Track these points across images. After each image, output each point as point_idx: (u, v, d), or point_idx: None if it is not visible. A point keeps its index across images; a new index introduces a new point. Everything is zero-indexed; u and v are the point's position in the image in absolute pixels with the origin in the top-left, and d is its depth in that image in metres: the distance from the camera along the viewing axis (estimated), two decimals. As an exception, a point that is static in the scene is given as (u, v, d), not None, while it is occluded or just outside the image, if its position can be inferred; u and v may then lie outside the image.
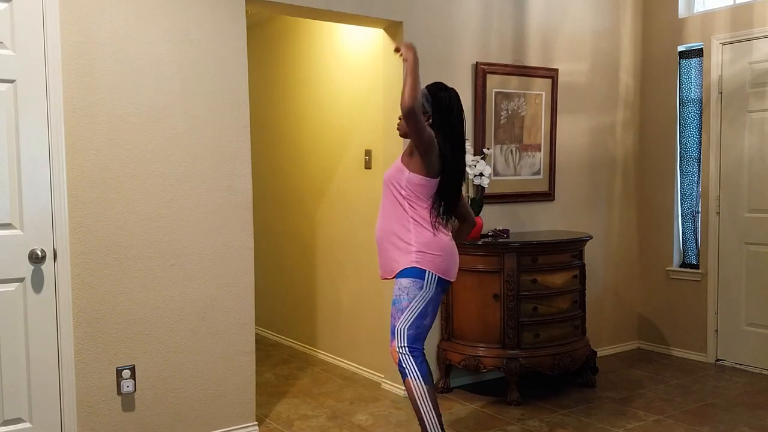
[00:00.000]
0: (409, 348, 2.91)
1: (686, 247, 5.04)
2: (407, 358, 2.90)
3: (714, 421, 3.73)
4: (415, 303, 2.92)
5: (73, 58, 2.97)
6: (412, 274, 2.92)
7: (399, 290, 2.94)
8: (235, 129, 3.42)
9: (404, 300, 2.92)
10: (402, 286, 2.93)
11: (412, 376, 2.88)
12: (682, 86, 4.98)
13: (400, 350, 2.91)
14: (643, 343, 5.27)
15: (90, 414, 3.08)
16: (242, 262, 3.46)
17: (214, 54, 3.33)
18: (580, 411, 3.89)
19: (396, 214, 2.98)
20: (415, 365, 2.90)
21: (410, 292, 2.92)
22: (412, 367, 2.89)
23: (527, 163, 4.59)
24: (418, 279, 2.92)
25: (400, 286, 2.94)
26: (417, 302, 2.93)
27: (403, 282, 2.93)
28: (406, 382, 2.91)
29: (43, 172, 2.93)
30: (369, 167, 4.43)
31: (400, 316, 2.93)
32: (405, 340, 2.91)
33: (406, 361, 2.90)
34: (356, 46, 4.54)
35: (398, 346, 2.91)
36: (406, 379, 2.90)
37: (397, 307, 2.94)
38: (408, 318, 2.92)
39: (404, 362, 2.90)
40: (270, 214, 5.57)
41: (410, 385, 2.88)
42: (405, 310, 2.92)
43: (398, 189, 2.96)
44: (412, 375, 2.88)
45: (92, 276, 3.05)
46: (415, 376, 2.88)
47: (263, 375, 4.56)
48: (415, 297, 2.92)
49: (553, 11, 4.64)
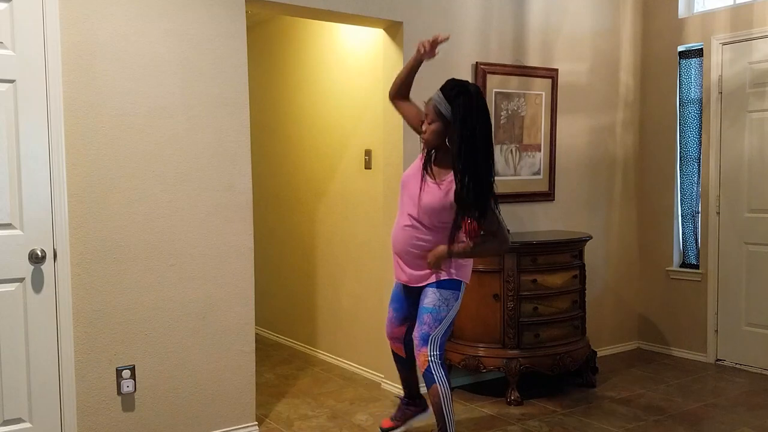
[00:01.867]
0: (440, 355, 3.01)
1: (686, 247, 5.04)
2: (438, 367, 2.99)
3: (714, 421, 3.73)
4: (451, 314, 3.05)
5: (73, 58, 2.97)
6: (453, 287, 3.03)
7: (440, 301, 3.00)
8: (235, 129, 3.42)
9: (443, 311, 3.01)
10: (444, 297, 3.01)
11: (442, 384, 2.97)
12: (682, 86, 4.98)
13: (432, 358, 2.99)
14: (643, 343, 5.27)
15: (90, 414, 3.08)
16: (242, 262, 3.46)
17: (214, 54, 3.33)
18: (580, 411, 3.89)
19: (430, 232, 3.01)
20: (444, 374, 3.00)
21: (449, 304, 3.02)
22: (442, 375, 2.99)
23: (527, 163, 4.59)
24: (456, 291, 3.04)
25: (441, 297, 3.01)
26: (452, 313, 3.06)
27: (445, 294, 3.02)
28: (433, 388, 2.99)
29: (43, 172, 2.93)
30: (369, 167, 4.43)
31: (438, 326, 3.00)
32: (438, 349, 3.01)
33: (437, 370, 2.98)
34: (356, 47, 4.54)
35: (431, 354, 2.99)
36: (433, 385, 2.98)
37: (434, 316, 3.00)
38: (443, 328, 3.03)
39: (434, 370, 2.98)
40: (270, 214, 5.57)
41: (438, 392, 2.97)
42: (443, 320, 3.01)
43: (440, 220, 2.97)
44: (441, 383, 2.97)
45: (92, 276, 3.05)
46: (445, 384, 2.98)
47: (263, 375, 4.56)
48: (452, 308, 3.04)
49: (553, 11, 4.64)
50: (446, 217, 2.95)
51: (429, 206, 2.97)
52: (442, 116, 2.89)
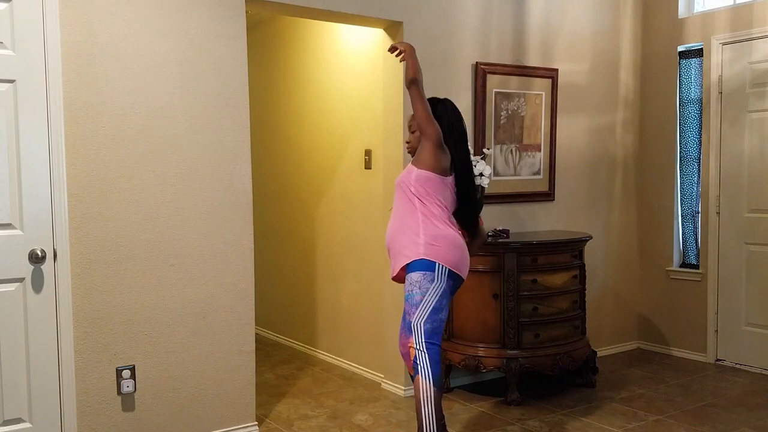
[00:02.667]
0: (427, 344, 2.84)
1: (686, 247, 5.04)
2: (423, 356, 2.82)
3: (714, 421, 3.73)
4: (429, 297, 2.86)
5: (73, 58, 2.97)
6: (422, 267, 2.87)
7: (410, 285, 2.88)
8: (235, 129, 3.42)
9: (417, 294, 2.86)
10: (413, 280, 2.88)
11: (423, 376, 2.81)
12: (682, 86, 4.98)
13: (417, 347, 2.83)
14: (643, 343, 5.27)
15: (90, 414, 3.08)
16: (242, 262, 3.46)
17: (214, 54, 3.33)
18: (580, 411, 3.89)
19: (405, 211, 2.99)
20: (429, 366, 2.83)
21: (422, 286, 2.86)
22: (425, 366, 2.82)
23: (527, 163, 4.59)
24: (428, 272, 2.87)
25: (410, 281, 2.88)
26: (430, 296, 2.86)
27: (414, 276, 2.88)
28: (415, 379, 2.84)
29: (43, 171, 2.93)
30: (369, 167, 4.43)
31: (414, 312, 2.86)
32: (422, 336, 2.84)
33: (421, 359, 2.82)
34: (356, 47, 4.54)
35: (416, 343, 2.84)
36: (416, 377, 2.83)
37: (410, 302, 2.87)
38: (423, 313, 2.85)
39: (419, 359, 2.82)
40: (270, 214, 5.57)
41: (418, 385, 2.82)
42: (419, 305, 2.85)
43: (408, 186, 2.98)
44: (423, 374, 2.81)
45: (92, 276, 3.05)
46: (426, 376, 2.81)
47: (263, 375, 4.56)
48: (427, 291, 2.86)
49: (553, 11, 4.64)
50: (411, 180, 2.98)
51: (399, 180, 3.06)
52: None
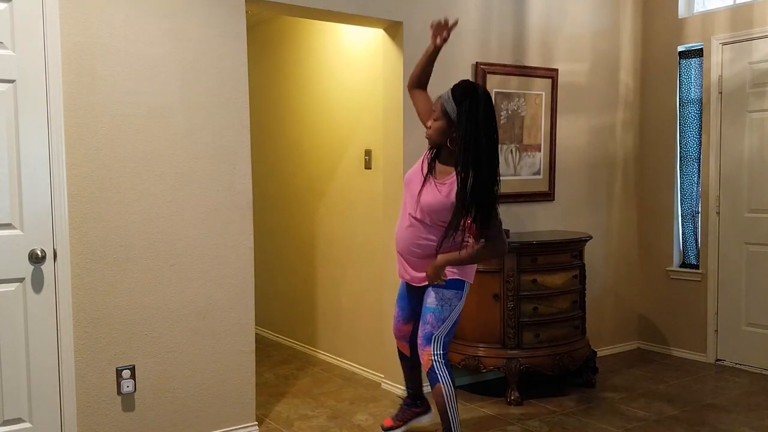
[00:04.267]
0: (443, 355, 3.03)
1: (686, 247, 5.04)
2: (442, 366, 3.01)
3: (714, 421, 3.73)
4: (454, 314, 3.04)
5: (73, 58, 2.97)
6: (455, 286, 3.01)
7: (442, 301, 3.00)
8: (235, 129, 3.42)
9: (446, 311, 3.01)
10: (446, 297, 3.01)
11: (445, 383, 2.99)
12: (682, 86, 4.98)
13: (436, 357, 3.01)
14: (643, 343, 5.27)
15: (90, 414, 3.08)
16: (242, 262, 3.46)
17: (214, 54, 3.33)
18: (580, 411, 3.89)
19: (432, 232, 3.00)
20: (448, 373, 3.01)
21: (452, 304, 3.01)
22: (445, 374, 3.00)
23: (527, 163, 4.59)
24: (459, 291, 3.03)
25: (442, 297, 3.00)
26: (455, 313, 3.04)
27: (447, 294, 3.01)
28: (437, 387, 3.00)
29: (43, 172, 2.93)
30: (369, 167, 4.43)
31: (440, 326, 3.01)
32: (441, 348, 3.02)
33: (441, 369, 3.00)
34: (356, 46, 4.54)
35: (434, 353, 3.01)
36: (437, 384, 2.99)
37: (437, 316, 3.00)
38: (446, 327, 3.03)
39: (438, 369, 3.00)
40: (270, 214, 5.57)
41: (442, 391, 2.99)
42: (446, 320, 3.02)
43: (441, 219, 2.95)
44: (445, 382, 2.99)
45: (92, 276, 3.05)
46: (447, 383, 2.99)
47: (263, 375, 4.56)
48: (455, 308, 3.03)
49: (553, 11, 4.64)
50: (447, 217, 2.91)
51: (429, 206, 2.95)
52: (447, 115, 2.89)
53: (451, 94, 2.89)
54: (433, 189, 2.96)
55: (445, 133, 2.93)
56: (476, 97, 2.84)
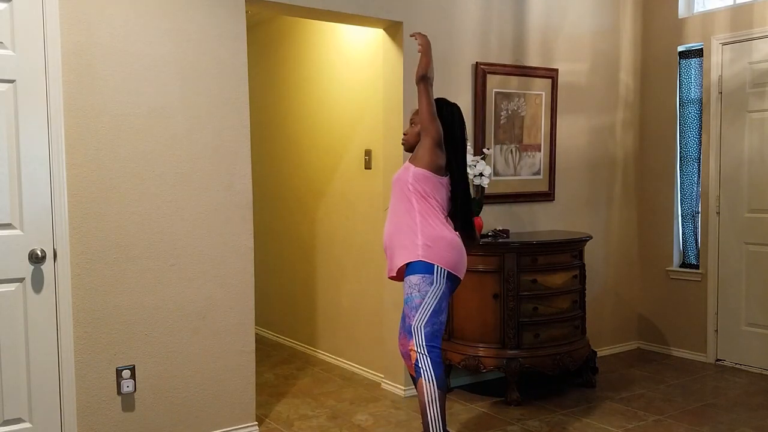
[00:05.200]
0: (428, 347, 2.85)
1: (686, 247, 5.04)
2: (425, 359, 2.84)
3: (714, 421, 3.73)
4: (428, 299, 2.87)
5: (73, 58, 2.97)
6: (420, 270, 2.87)
7: (409, 288, 2.88)
8: (235, 129, 3.42)
9: (416, 297, 2.86)
10: (412, 283, 2.88)
11: (426, 378, 2.83)
12: (682, 86, 4.98)
13: (419, 350, 2.84)
14: (643, 343, 5.27)
15: (90, 414, 3.08)
16: (242, 262, 3.46)
17: (214, 54, 3.33)
18: (580, 411, 3.89)
19: (403, 210, 2.97)
20: (431, 368, 2.84)
21: (421, 289, 2.86)
22: (427, 369, 2.84)
23: (527, 163, 4.59)
24: (427, 274, 2.87)
25: (409, 284, 2.88)
26: (430, 298, 2.87)
27: (413, 279, 2.88)
28: (418, 382, 2.85)
29: (43, 172, 2.93)
30: (369, 167, 4.43)
31: (415, 315, 2.87)
32: (423, 339, 2.85)
33: (423, 362, 2.84)
34: (356, 47, 4.54)
35: (417, 346, 2.85)
36: (419, 380, 2.84)
37: (409, 305, 2.88)
38: (423, 316, 2.86)
39: (421, 363, 2.84)
40: (270, 214, 5.57)
41: (422, 387, 2.83)
42: (419, 308, 2.86)
43: (406, 184, 2.97)
44: (426, 377, 2.83)
45: (92, 276, 3.05)
46: (429, 379, 2.83)
47: (263, 375, 4.56)
48: (427, 293, 2.86)
49: (553, 11, 4.64)
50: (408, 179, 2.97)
51: (396, 179, 3.04)
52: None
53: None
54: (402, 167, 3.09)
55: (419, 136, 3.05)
56: (452, 108, 3.10)
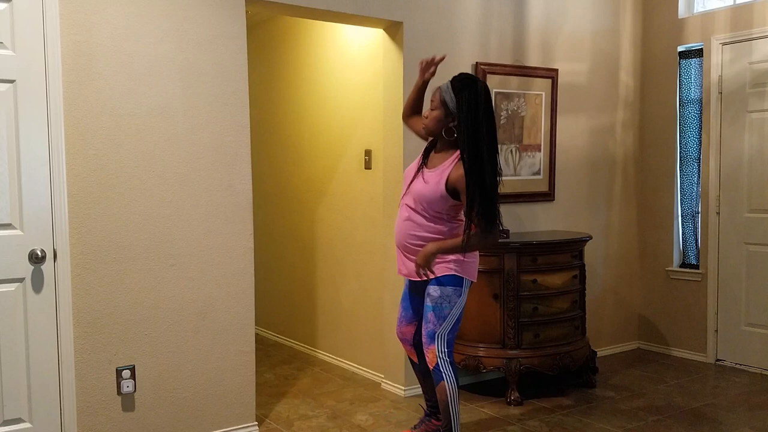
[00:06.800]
0: (448, 353, 3.04)
1: (686, 247, 5.04)
2: (447, 365, 3.02)
3: (714, 421, 3.73)
4: (455, 310, 3.03)
5: (73, 58, 2.97)
6: (454, 283, 3.00)
7: (442, 298, 3.00)
8: (235, 129, 3.42)
9: (446, 308, 3.00)
10: (445, 294, 3.00)
11: (450, 382, 3.01)
12: (682, 86, 4.98)
13: (441, 355, 3.01)
14: (643, 343, 5.27)
15: (90, 414, 3.08)
16: (242, 262, 3.46)
17: (214, 54, 3.33)
18: (580, 411, 3.89)
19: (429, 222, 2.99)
20: (452, 371, 3.03)
21: (452, 301, 3.01)
22: (450, 373, 3.02)
23: (527, 163, 4.59)
24: (458, 288, 3.01)
25: (442, 294, 3.00)
26: (456, 310, 3.04)
27: (447, 290, 3.00)
28: (440, 385, 3.02)
29: (43, 172, 2.93)
30: (369, 167, 4.43)
31: (442, 323, 3.01)
32: (446, 346, 3.02)
33: (446, 367, 3.02)
34: (356, 47, 4.54)
35: (438, 351, 3.01)
36: (441, 382, 3.01)
37: (437, 314, 3.01)
38: (448, 325, 3.03)
39: (443, 367, 3.01)
40: (270, 214, 5.58)
41: (446, 389, 3.01)
42: (447, 317, 3.02)
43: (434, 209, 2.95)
44: (449, 380, 3.01)
45: (92, 276, 3.05)
46: (451, 382, 3.01)
47: (263, 375, 4.56)
48: (455, 305, 3.02)
49: (553, 11, 4.64)
50: (440, 206, 2.93)
51: (421, 194, 2.97)
52: (445, 105, 2.93)
53: (450, 85, 2.93)
54: (426, 177, 2.99)
55: (441, 122, 2.96)
56: (475, 88, 2.87)
